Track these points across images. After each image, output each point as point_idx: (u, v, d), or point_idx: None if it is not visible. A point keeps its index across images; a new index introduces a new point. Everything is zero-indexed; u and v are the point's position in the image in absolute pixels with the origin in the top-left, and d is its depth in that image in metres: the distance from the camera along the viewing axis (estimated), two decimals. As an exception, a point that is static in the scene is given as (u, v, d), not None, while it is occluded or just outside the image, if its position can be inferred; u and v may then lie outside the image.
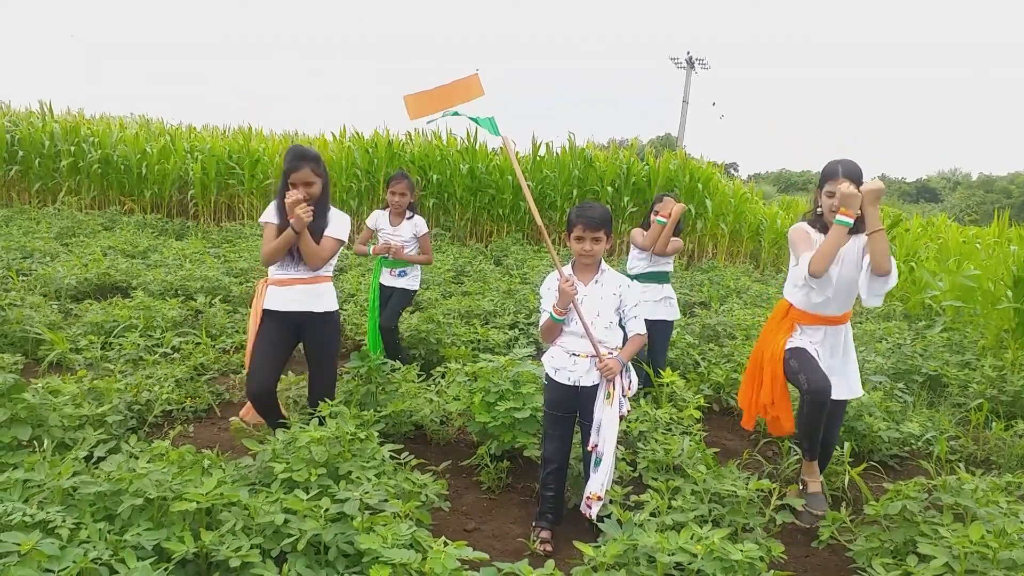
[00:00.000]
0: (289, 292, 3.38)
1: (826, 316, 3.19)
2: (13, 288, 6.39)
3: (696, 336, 6.44)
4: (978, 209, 41.12)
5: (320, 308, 3.42)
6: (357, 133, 14.47)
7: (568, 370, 3.01)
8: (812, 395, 3.03)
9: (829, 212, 3.10)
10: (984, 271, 7.59)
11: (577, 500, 3.21)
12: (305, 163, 3.31)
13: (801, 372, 3.09)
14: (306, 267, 3.37)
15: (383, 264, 4.92)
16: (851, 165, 3.11)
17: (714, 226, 13.70)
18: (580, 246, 2.99)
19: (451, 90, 3.32)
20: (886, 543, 2.73)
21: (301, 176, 3.30)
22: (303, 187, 3.29)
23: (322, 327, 3.45)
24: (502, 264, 10.84)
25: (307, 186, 3.31)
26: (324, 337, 3.48)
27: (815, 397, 3.03)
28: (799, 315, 3.22)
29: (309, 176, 3.31)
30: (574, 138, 13.80)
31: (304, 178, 3.30)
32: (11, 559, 1.91)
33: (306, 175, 3.30)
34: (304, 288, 3.39)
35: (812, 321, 3.20)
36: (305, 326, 3.43)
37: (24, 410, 3.00)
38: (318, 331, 3.45)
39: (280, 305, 3.38)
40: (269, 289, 3.41)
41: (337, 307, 3.52)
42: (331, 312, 3.46)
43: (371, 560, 2.12)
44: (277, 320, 3.40)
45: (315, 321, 3.42)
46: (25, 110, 16.08)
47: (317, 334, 3.46)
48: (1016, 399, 5.04)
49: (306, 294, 3.39)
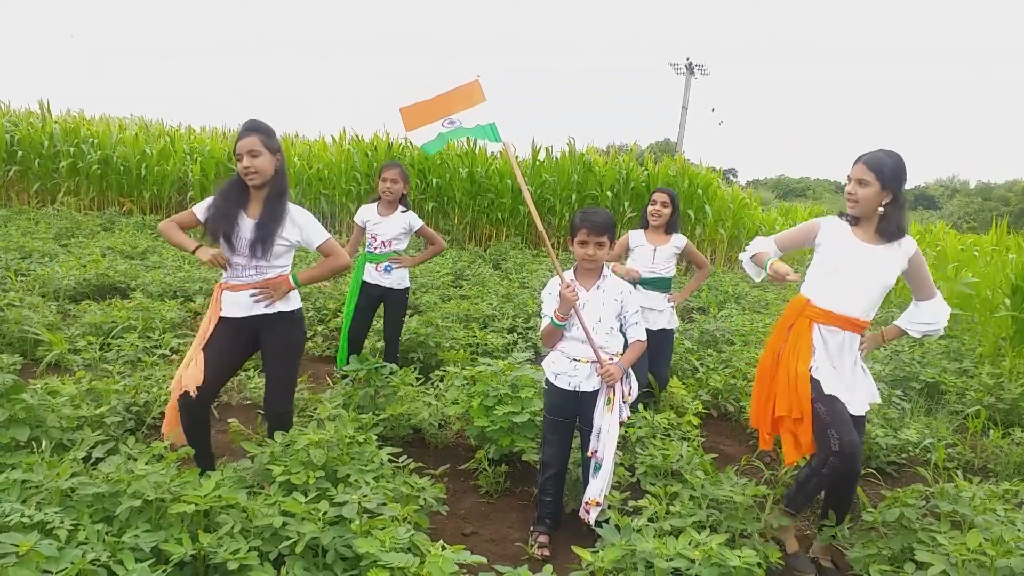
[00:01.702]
0: (243, 297, 3.05)
1: (847, 317, 2.87)
2: (12, 288, 6.38)
3: (695, 342, 6.44)
4: (976, 217, 41.20)
5: (276, 308, 3.07)
6: (357, 136, 14.49)
7: (568, 375, 3.01)
8: (840, 458, 2.71)
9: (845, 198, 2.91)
10: (982, 279, 7.61)
11: (575, 505, 3.22)
12: (254, 133, 2.97)
13: (832, 427, 2.74)
14: (257, 270, 3.04)
15: (367, 259, 4.59)
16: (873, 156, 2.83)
17: (713, 232, 13.72)
18: (583, 251, 2.99)
19: (450, 97, 3.26)
20: (883, 550, 2.73)
21: (246, 144, 2.95)
22: (248, 156, 2.94)
23: (282, 326, 3.10)
24: (501, 268, 10.85)
25: (252, 156, 2.94)
26: (284, 337, 3.12)
27: (843, 462, 2.72)
28: (817, 313, 2.91)
29: (255, 145, 2.95)
30: (574, 142, 13.84)
31: (249, 146, 2.94)
32: (9, 560, 1.91)
33: (252, 143, 2.95)
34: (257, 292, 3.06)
35: (831, 321, 2.88)
36: (264, 329, 3.09)
37: (22, 411, 3.00)
38: (278, 331, 3.09)
39: (235, 312, 3.05)
40: (224, 295, 3.08)
41: (299, 305, 3.18)
42: (290, 312, 3.12)
43: (369, 563, 2.12)
44: (232, 327, 3.07)
45: (274, 321, 3.07)
46: (25, 110, 16.07)
47: (277, 334, 3.10)
48: (1013, 407, 5.05)
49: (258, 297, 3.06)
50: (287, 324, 3.11)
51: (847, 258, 2.88)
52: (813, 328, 2.91)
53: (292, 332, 3.14)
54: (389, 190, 4.57)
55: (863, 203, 2.84)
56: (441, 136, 3.26)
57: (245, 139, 2.96)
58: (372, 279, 4.61)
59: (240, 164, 2.95)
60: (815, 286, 2.97)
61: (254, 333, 3.09)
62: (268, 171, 2.99)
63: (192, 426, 3.06)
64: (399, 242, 4.65)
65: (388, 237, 4.61)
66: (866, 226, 2.91)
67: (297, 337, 3.18)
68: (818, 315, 2.91)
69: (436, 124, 3.28)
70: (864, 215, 2.88)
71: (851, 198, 2.86)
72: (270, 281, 3.04)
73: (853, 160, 2.91)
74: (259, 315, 3.05)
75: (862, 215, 2.88)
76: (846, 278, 2.87)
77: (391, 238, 4.61)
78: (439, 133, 3.26)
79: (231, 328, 3.06)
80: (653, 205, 4.56)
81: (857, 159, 2.87)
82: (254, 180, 2.97)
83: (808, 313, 2.94)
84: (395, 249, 4.64)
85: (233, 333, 3.06)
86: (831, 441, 2.74)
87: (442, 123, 3.27)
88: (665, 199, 4.57)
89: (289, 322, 3.12)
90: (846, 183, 2.93)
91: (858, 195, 2.83)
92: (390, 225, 4.61)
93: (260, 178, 2.97)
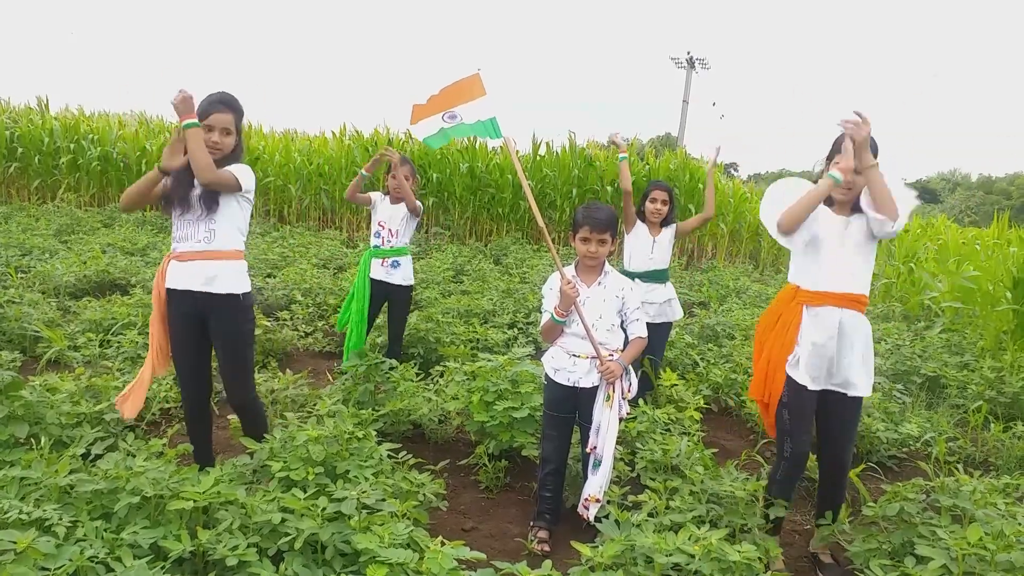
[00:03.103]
0: (189, 268, 2.87)
1: (838, 293, 2.77)
2: (12, 285, 6.39)
3: (695, 336, 6.44)
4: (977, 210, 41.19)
5: (223, 289, 2.89)
6: (357, 131, 14.46)
7: (568, 371, 3.00)
8: (789, 463, 2.88)
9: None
10: (983, 272, 7.59)
11: (575, 500, 3.21)
12: (231, 111, 2.90)
13: (789, 435, 2.85)
14: (205, 238, 2.87)
15: (373, 255, 4.68)
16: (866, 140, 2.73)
17: (714, 226, 13.70)
18: (586, 247, 2.98)
19: (452, 91, 3.27)
20: (884, 544, 2.72)
21: (221, 120, 2.88)
22: (219, 132, 2.88)
23: (230, 312, 2.92)
24: (501, 263, 10.84)
25: (224, 134, 2.89)
26: (234, 324, 2.95)
27: (792, 468, 2.88)
28: (807, 296, 2.83)
29: (229, 124, 2.90)
30: (574, 137, 13.82)
31: (224, 123, 2.88)
32: (7, 557, 1.91)
33: (227, 121, 2.89)
34: (205, 264, 2.88)
35: (823, 300, 2.79)
36: (211, 316, 2.92)
37: (21, 407, 3.00)
38: (226, 317, 2.93)
39: (178, 283, 2.88)
40: (170, 265, 2.92)
41: (248, 289, 2.99)
42: (239, 295, 2.93)
43: (368, 559, 2.12)
44: (181, 316, 2.93)
45: (222, 306, 2.90)
46: (24, 107, 16.08)
47: (226, 320, 2.93)
48: (1015, 400, 5.04)
49: (206, 270, 2.88)
50: (235, 310, 2.94)
51: (827, 236, 2.81)
52: (803, 312, 2.83)
53: (242, 318, 2.97)
54: (397, 188, 4.67)
55: (855, 190, 2.79)
56: (443, 132, 3.28)
57: (221, 115, 2.89)
58: (378, 276, 4.66)
59: (209, 137, 2.85)
60: (801, 271, 2.89)
61: (202, 320, 2.95)
62: (229, 150, 2.95)
63: (192, 423, 3.09)
64: (403, 232, 4.74)
65: (394, 226, 4.71)
66: (842, 208, 2.86)
67: (247, 325, 3.02)
68: (810, 298, 2.82)
69: (437, 117, 3.31)
70: (848, 202, 2.84)
71: (844, 184, 2.74)
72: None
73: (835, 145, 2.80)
74: (206, 293, 2.87)
75: (847, 202, 2.83)
76: (829, 254, 2.79)
77: (396, 228, 4.71)
78: (440, 128, 3.29)
79: (180, 309, 2.92)
80: (653, 203, 4.57)
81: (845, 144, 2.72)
82: (215, 156, 2.88)
83: (800, 298, 2.86)
84: (400, 243, 4.72)
85: (184, 316, 2.93)
86: (784, 447, 2.89)
87: (443, 116, 3.29)
88: (665, 197, 4.60)
89: (238, 308, 2.95)
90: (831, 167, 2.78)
91: (853, 182, 2.76)
92: (395, 214, 4.73)
93: (221, 155, 2.91)
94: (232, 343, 2.98)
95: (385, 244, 4.70)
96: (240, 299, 2.94)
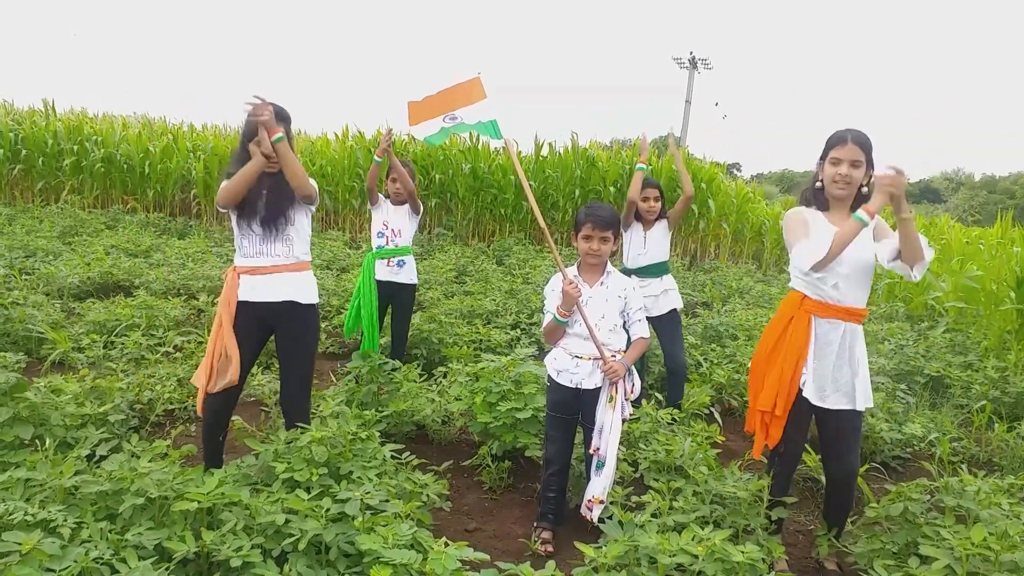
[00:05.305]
0: (268, 281, 2.99)
1: (845, 307, 2.77)
2: (16, 287, 6.40)
3: (698, 337, 6.43)
4: (981, 210, 41.06)
5: (304, 299, 3.05)
6: (359, 132, 14.47)
7: (571, 372, 3.00)
8: (782, 460, 2.95)
9: (832, 183, 2.75)
10: (987, 272, 7.57)
11: (578, 501, 3.21)
12: (283, 123, 2.97)
13: (787, 433, 2.89)
14: (284, 253, 3.01)
15: (377, 255, 4.73)
16: (861, 135, 2.72)
17: (717, 226, 13.69)
18: (588, 245, 2.98)
19: (452, 94, 3.28)
20: (888, 545, 2.72)
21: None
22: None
23: (306, 321, 3.08)
24: (504, 264, 10.84)
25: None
26: (302, 328, 3.09)
27: (784, 465, 2.96)
28: (815, 306, 2.79)
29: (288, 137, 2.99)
30: (577, 137, 13.81)
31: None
32: (12, 558, 1.91)
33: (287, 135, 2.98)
34: (285, 277, 3.01)
35: (830, 313, 2.78)
36: (280, 321, 3.04)
37: (26, 409, 3.01)
38: (295, 321, 3.05)
39: (255, 295, 2.98)
40: (241, 279, 3.01)
41: (316, 300, 3.14)
42: (314, 305, 3.11)
43: (372, 560, 2.12)
44: (251, 318, 3.01)
45: (299, 314, 3.04)
46: (28, 109, 16.11)
47: (294, 325, 3.06)
48: (1019, 400, 5.03)
49: (288, 282, 3.02)
50: (312, 318, 3.11)
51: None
52: (811, 323, 2.80)
53: (315, 326, 3.15)
54: (398, 192, 4.77)
55: (854, 185, 2.74)
56: (443, 130, 3.30)
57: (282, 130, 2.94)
58: (383, 276, 4.72)
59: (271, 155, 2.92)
60: (806, 281, 2.84)
61: (268, 330, 3.08)
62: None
63: (213, 423, 3.07)
64: (406, 232, 4.82)
65: (397, 225, 4.79)
66: (839, 209, 2.81)
67: (313, 331, 3.16)
68: (817, 308, 2.79)
69: (438, 120, 3.32)
70: (847, 198, 2.78)
71: (843, 180, 2.71)
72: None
73: (831, 141, 2.77)
74: (288, 303, 3.01)
75: (846, 198, 2.78)
76: (834, 268, 2.73)
77: (399, 227, 4.79)
78: (441, 127, 3.31)
79: (250, 320, 3.00)
80: (646, 202, 4.64)
81: (840, 139, 2.72)
82: (275, 170, 2.99)
83: (807, 307, 2.81)
84: (404, 242, 4.79)
85: (253, 327, 3.02)
86: (779, 445, 2.93)
87: (443, 119, 3.32)
88: (656, 194, 4.67)
89: (313, 316, 3.11)
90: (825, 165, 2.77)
91: (852, 177, 2.71)
92: (399, 214, 4.83)
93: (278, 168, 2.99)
94: (307, 350, 3.14)
95: (389, 244, 4.76)
96: (316, 308, 3.13)
